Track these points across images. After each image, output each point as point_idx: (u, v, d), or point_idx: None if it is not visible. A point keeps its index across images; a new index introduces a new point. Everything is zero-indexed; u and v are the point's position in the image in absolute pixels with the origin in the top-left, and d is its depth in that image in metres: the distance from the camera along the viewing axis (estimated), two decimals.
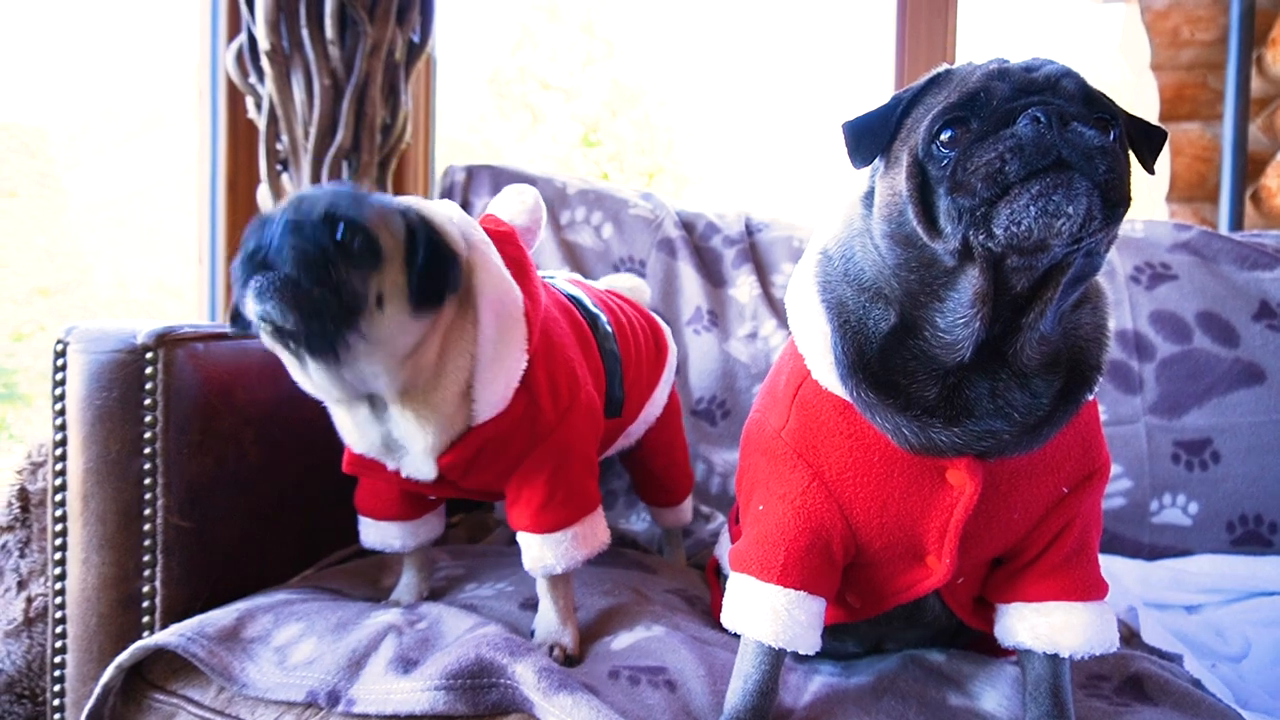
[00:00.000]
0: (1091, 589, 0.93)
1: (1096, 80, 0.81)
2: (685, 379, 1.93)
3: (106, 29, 2.68)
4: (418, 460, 1.11)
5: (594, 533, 1.19)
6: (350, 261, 0.96)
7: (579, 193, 2.08)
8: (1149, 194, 3.18)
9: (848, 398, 0.88)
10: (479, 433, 1.10)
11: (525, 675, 0.94)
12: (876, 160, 0.87)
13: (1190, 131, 2.95)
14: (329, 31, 2.00)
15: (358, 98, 2.06)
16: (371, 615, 1.14)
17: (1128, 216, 1.97)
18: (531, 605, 1.20)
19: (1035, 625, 0.94)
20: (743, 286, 1.99)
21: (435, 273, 1.02)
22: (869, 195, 0.88)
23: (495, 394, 1.09)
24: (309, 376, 1.02)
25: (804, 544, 0.93)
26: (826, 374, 0.90)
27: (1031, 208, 0.72)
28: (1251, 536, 1.64)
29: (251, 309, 0.94)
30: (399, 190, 2.27)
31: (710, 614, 1.28)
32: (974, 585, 1.02)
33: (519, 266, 1.17)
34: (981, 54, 0.85)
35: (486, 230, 1.16)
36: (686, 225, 2.08)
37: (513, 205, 1.28)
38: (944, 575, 0.93)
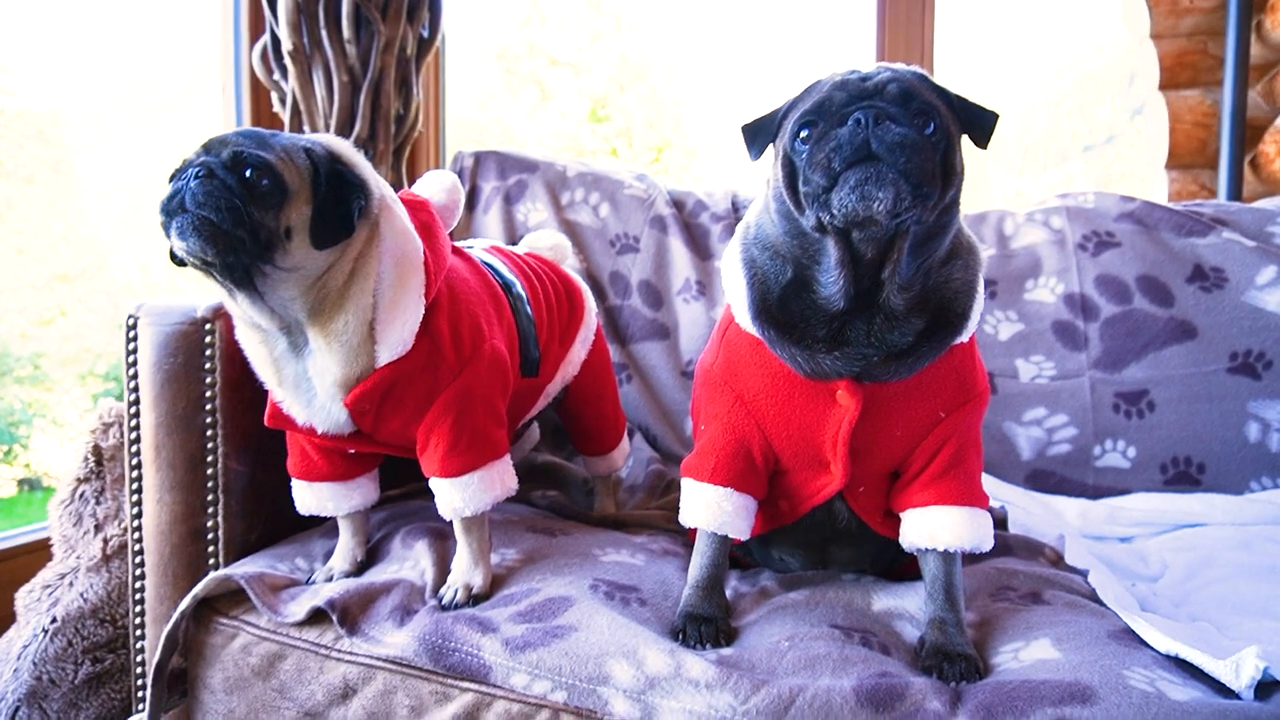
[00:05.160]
0: (966, 496, 1.13)
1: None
2: (676, 343, 2.12)
3: (115, 11, 2.67)
4: (326, 400, 1.18)
5: (500, 478, 1.27)
6: (258, 199, 1.06)
7: (578, 175, 2.26)
8: (1149, 162, 3.27)
9: (758, 335, 1.11)
10: (383, 373, 1.17)
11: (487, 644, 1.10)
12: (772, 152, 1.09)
13: (1190, 98, 2.98)
14: (346, 31, 2.18)
15: (373, 92, 2.24)
16: (312, 584, 1.30)
17: (1080, 189, 2.12)
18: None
19: (920, 526, 1.15)
20: None
21: (339, 204, 1.12)
22: (769, 180, 1.11)
23: (395, 335, 1.17)
24: (239, 305, 1.13)
25: (730, 451, 1.17)
26: (743, 317, 1.13)
27: (852, 194, 0.94)
28: (1182, 476, 1.82)
29: (178, 247, 1.06)
30: (413, 177, 2.45)
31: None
32: (877, 497, 1.22)
33: (427, 230, 1.27)
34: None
35: (401, 199, 1.27)
36: (677, 203, 2.27)
37: (431, 186, 1.42)
38: (841, 480, 1.15)
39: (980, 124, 1.04)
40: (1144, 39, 3.09)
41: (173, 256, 1.13)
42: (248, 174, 1.06)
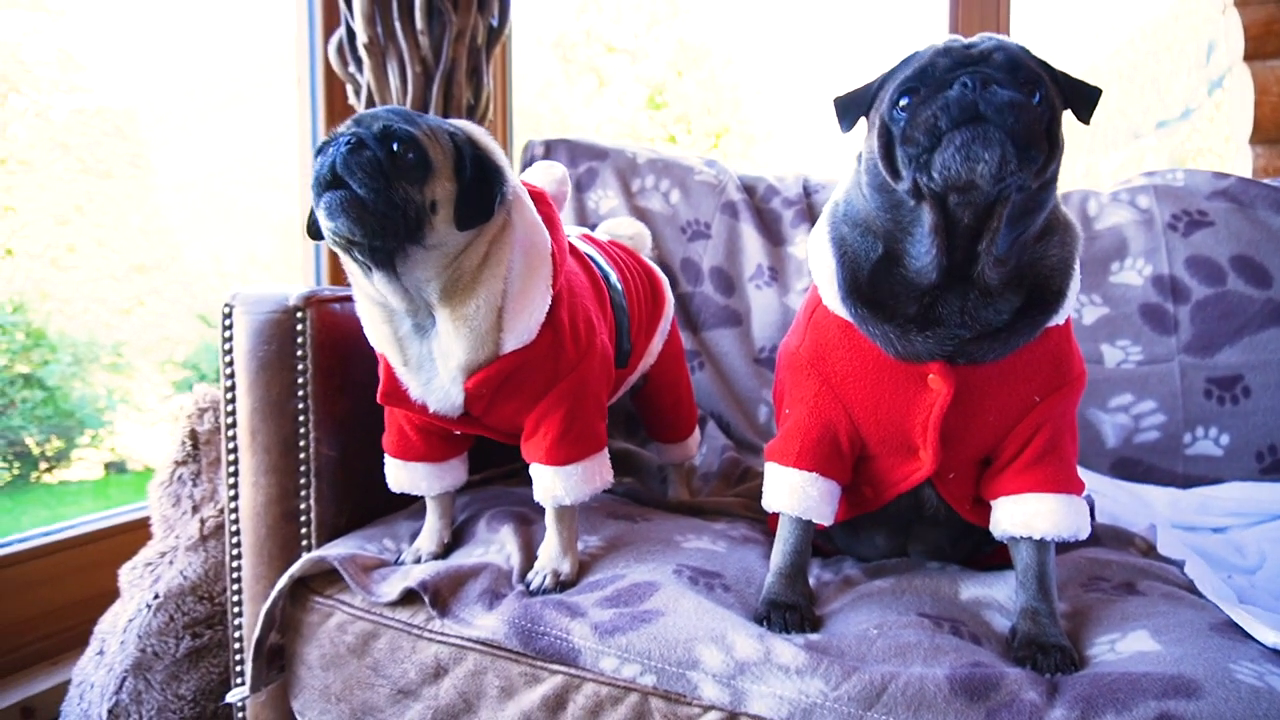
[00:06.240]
0: (1062, 483, 1.11)
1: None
2: (748, 330, 2.11)
3: (187, 8, 2.76)
4: (447, 381, 1.20)
5: (600, 471, 1.29)
6: (405, 174, 1.07)
7: (648, 162, 2.26)
8: (1229, 137, 3.12)
9: (847, 316, 1.09)
10: (507, 360, 1.19)
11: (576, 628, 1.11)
12: (865, 126, 1.07)
13: (1278, 68, 2.80)
14: (419, 22, 2.22)
15: (445, 82, 2.28)
16: (401, 564, 1.32)
17: (1154, 167, 2.05)
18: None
19: (1014, 514, 1.12)
20: (801, 244, 2.15)
21: (482, 186, 1.14)
22: (861, 154, 1.09)
23: (522, 324, 1.19)
24: (373, 285, 1.14)
25: (815, 436, 1.16)
26: (832, 298, 1.11)
27: (957, 155, 0.92)
28: (1279, 465, 1.76)
29: (325, 224, 1.06)
30: None
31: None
32: (967, 484, 1.20)
33: (549, 221, 1.29)
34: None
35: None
36: (748, 188, 2.25)
37: (544, 176, 1.47)
38: (931, 466, 1.13)
39: (1084, 97, 1.02)
40: (1226, 7, 2.94)
41: (310, 230, 1.15)
42: (395, 147, 1.07)
